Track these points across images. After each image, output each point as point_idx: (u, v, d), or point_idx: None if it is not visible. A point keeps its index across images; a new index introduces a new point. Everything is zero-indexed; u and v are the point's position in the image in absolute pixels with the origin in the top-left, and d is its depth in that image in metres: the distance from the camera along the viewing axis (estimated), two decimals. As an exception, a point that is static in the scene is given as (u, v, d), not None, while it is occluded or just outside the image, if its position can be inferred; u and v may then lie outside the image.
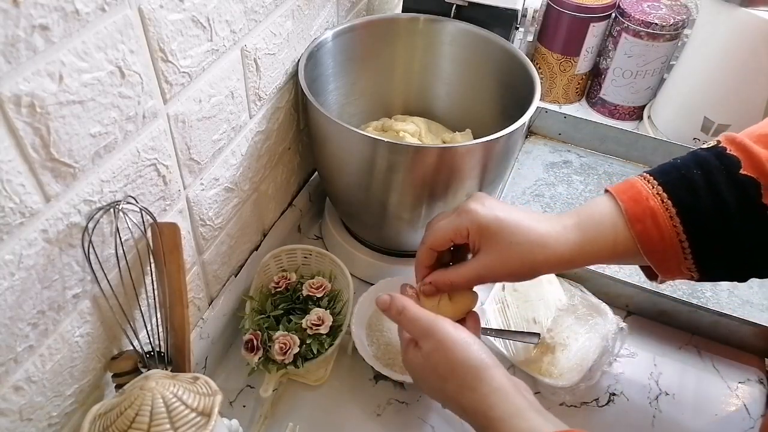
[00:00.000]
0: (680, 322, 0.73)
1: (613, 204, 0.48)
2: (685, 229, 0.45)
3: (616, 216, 0.48)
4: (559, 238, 0.48)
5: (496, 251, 0.48)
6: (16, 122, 0.35)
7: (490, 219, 0.48)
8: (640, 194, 0.47)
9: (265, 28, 0.58)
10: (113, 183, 0.44)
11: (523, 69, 0.70)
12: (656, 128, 1.02)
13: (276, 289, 0.67)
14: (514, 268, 0.48)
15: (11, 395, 0.41)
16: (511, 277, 0.50)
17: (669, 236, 0.46)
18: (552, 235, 0.48)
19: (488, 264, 0.49)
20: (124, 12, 0.40)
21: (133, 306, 0.51)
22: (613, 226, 0.47)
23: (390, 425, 0.63)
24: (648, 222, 0.46)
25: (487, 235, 0.48)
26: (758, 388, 0.68)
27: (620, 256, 0.48)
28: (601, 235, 0.48)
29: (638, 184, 0.48)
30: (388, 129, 0.81)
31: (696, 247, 0.46)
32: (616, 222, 0.47)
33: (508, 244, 0.47)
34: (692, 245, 0.46)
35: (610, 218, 0.48)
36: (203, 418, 0.42)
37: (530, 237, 0.47)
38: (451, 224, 0.50)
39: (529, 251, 0.47)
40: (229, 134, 0.58)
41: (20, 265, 0.38)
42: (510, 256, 0.48)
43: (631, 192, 0.48)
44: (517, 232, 0.47)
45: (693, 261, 0.46)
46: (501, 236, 0.47)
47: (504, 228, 0.48)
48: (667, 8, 0.97)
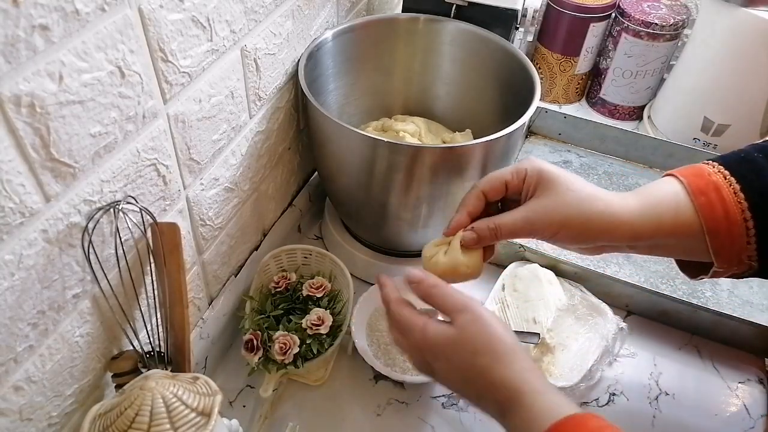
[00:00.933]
0: (680, 322, 0.73)
1: (674, 180, 0.47)
2: (750, 206, 0.43)
3: (678, 190, 0.46)
4: (619, 201, 0.46)
5: (552, 195, 0.46)
6: (16, 122, 0.35)
7: (550, 167, 0.47)
8: (702, 170, 0.46)
9: (265, 28, 0.58)
10: (113, 183, 0.44)
11: (523, 69, 0.70)
12: (656, 128, 1.02)
13: (276, 289, 0.67)
14: (568, 215, 0.46)
15: (11, 395, 0.41)
16: (563, 228, 0.47)
17: (733, 213, 0.44)
18: (612, 197, 0.46)
19: (542, 208, 0.46)
20: (124, 12, 0.40)
21: (133, 306, 0.51)
22: (675, 198, 0.45)
23: (390, 425, 0.63)
24: (712, 195, 0.44)
25: (545, 179, 0.46)
26: (758, 389, 0.68)
27: (681, 231, 0.45)
28: (662, 204, 0.46)
29: (699, 165, 0.47)
30: (388, 129, 0.81)
31: (761, 228, 0.43)
32: (678, 195, 0.45)
33: (565, 190, 0.46)
34: (757, 225, 0.43)
35: (672, 192, 0.46)
36: (203, 418, 0.42)
37: (589, 190, 0.46)
38: (509, 168, 0.49)
39: (587, 200, 0.46)
40: (229, 134, 0.58)
41: (20, 265, 0.38)
42: (566, 201, 0.46)
43: (692, 169, 0.47)
44: (575, 183, 0.46)
45: (756, 246, 0.44)
46: (559, 182, 0.46)
47: (563, 177, 0.46)
48: (667, 8, 0.97)
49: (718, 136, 0.94)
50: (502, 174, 0.49)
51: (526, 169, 0.48)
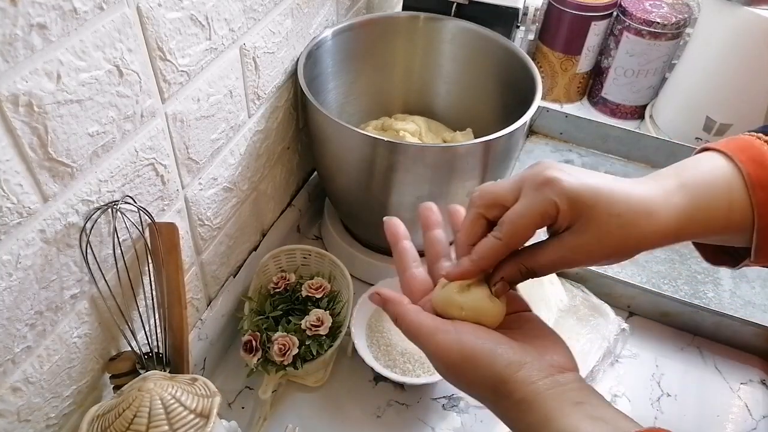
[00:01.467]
0: (682, 323, 0.73)
1: (728, 163, 0.39)
2: None
3: (732, 178, 0.38)
4: (664, 203, 0.38)
5: (593, 227, 0.37)
6: (14, 121, 0.34)
7: (583, 189, 0.37)
8: (764, 156, 0.38)
9: (264, 27, 0.58)
10: (111, 183, 0.44)
11: (524, 68, 0.69)
12: (658, 128, 1.02)
13: (275, 290, 0.66)
14: (614, 245, 0.38)
15: (9, 396, 0.41)
16: (608, 258, 0.40)
17: None
18: (655, 200, 0.38)
19: (582, 244, 0.38)
20: (122, 10, 0.39)
21: (131, 307, 0.51)
22: (728, 190, 0.38)
23: (390, 427, 0.63)
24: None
25: (581, 210, 0.37)
26: (760, 389, 0.68)
27: (734, 229, 0.39)
28: (714, 200, 0.38)
29: (756, 143, 0.39)
30: (388, 128, 0.80)
31: None
32: (732, 185, 0.38)
33: (607, 217, 0.37)
34: None
35: (724, 180, 0.38)
36: (201, 419, 0.42)
37: (632, 204, 0.37)
38: (535, 205, 0.37)
39: (634, 223, 0.37)
40: (227, 133, 0.58)
41: (18, 265, 0.38)
42: (610, 231, 0.37)
43: (751, 152, 0.39)
44: (616, 200, 0.37)
45: None
46: (598, 209, 0.37)
47: (601, 198, 0.37)
48: (669, 7, 0.97)
49: (720, 135, 0.93)
50: (530, 219, 0.38)
51: (556, 204, 0.37)
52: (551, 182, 0.37)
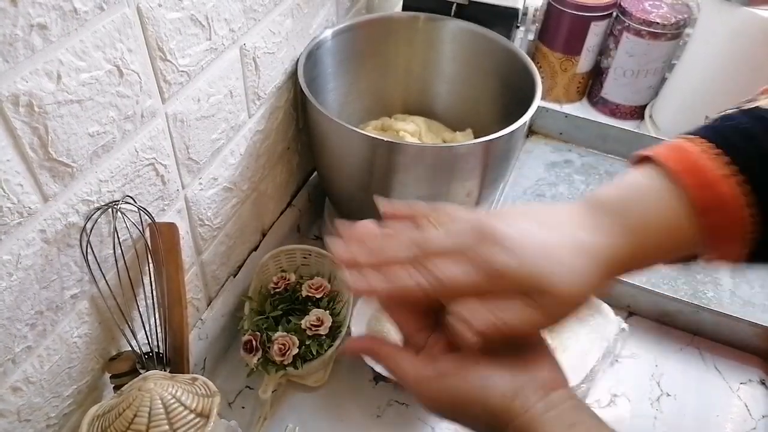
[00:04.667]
0: (682, 323, 0.73)
1: (667, 186, 0.36)
2: (761, 214, 0.35)
3: (677, 206, 0.35)
4: (605, 252, 0.35)
5: (547, 302, 0.35)
6: (14, 122, 0.35)
7: (526, 274, 0.34)
8: (705, 170, 0.35)
9: (264, 27, 0.58)
10: (111, 183, 0.44)
11: (524, 68, 0.69)
12: (658, 128, 1.02)
13: (275, 290, 0.66)
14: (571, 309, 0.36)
15: (9, 396, 0.41)
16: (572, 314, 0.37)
17: (742, 228, 0.35)
18: (597, 250, 0.35)
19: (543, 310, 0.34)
20: (122, 11, 0.39)
21: (132, 306, 0.51)
22: (676, 222, 0.35)
23: (390, 426, 0.63)
24: (718, 214, 0.35)
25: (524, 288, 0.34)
26: (760, 389, 0.68)
27: (677, 255, 0.38)
28: (657, 235, 0.36)
29: (697, 156, 0.36)
30: (388, 128, 0.80)
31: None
32: (680, 215, 0.35)
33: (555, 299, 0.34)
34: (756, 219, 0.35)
35: (669, 214, 0.36)
36: (202, 419, 0.42)
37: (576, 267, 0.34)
38: (470, 278, 0.34)
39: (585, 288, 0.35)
40: (227, 134, 0.58)
41: (18, 265, 0.38)
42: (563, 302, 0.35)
43: (688, 164, 0.36)
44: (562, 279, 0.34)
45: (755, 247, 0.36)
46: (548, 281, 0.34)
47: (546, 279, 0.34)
48: (669, 7, 0.97)
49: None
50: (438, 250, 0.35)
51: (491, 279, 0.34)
52: (497, 273, 0.34)
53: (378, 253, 0.37)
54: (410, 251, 0.36)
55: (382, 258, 0.36)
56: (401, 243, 0.36)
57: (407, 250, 0.36)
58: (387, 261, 0.36)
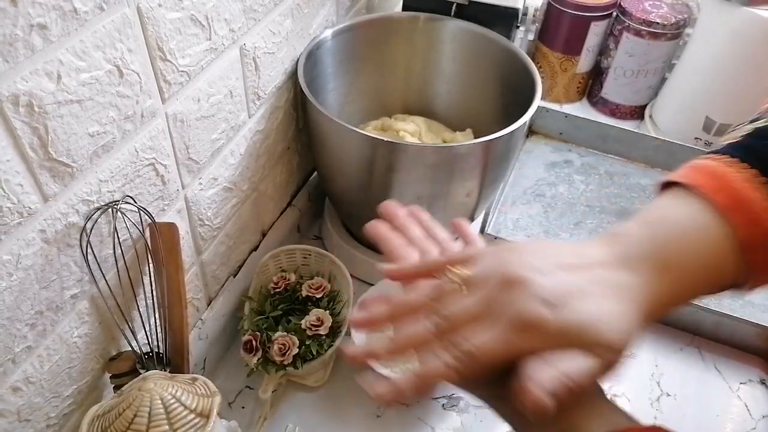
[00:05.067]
0: (682, 323, 0.73)
1: (710, 221, 0.33)
2: None
3: (721, 242, 0.33)
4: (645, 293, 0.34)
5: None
6: (14, 122, 0.35)
7: (569, 330, 0.32)
8: (751, 206, 0.33)
9: (264, 27, 0.58)
10: (111, 183, 0.44)
11: (524, 68, 0.69)
12: (658, 128, 1.02)
13: (275, 290, 0.66)
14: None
15: (9, 396, 0.41)
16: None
17: None
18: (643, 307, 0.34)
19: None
20: (122, 11, 0.39)
21: (132, 306, 0.51)
22: (719, 255, 0.33)
23: (390, 427, 0.63)
24: (765, 252, 0.33)
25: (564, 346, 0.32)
26: (760, 389, 0.68)
27: (718, 288, 0.35)
28: (698, 272, 0.34)
29: (740, 186, 0.33)
30: (387, 128, 0.80)
31: None
32: (723, 249, 0.33)
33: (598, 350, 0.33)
34: None
35: (711, 246, 0.33)
36: (202, 419, 0.42)
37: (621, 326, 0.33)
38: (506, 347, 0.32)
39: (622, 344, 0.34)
40: (227, 134, 0.58)
41: (18, 265, 0.38)
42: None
43: (742, 207, 0.33)
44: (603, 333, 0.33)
45: None
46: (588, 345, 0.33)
47: (589, 335, 0.32)
48: (669, 7, 0.97)
49: (719, 135, 0.93)
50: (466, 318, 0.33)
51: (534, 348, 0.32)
52: (533, 326, 0.31)
53: (401, 341, 0.34)
54: (436, 328, 0.33)
55: (404, 344, 0.34)
56: (426, 321, 0.34)
57: (433, 328, 0.33)
58: (411, 345, 0.34)
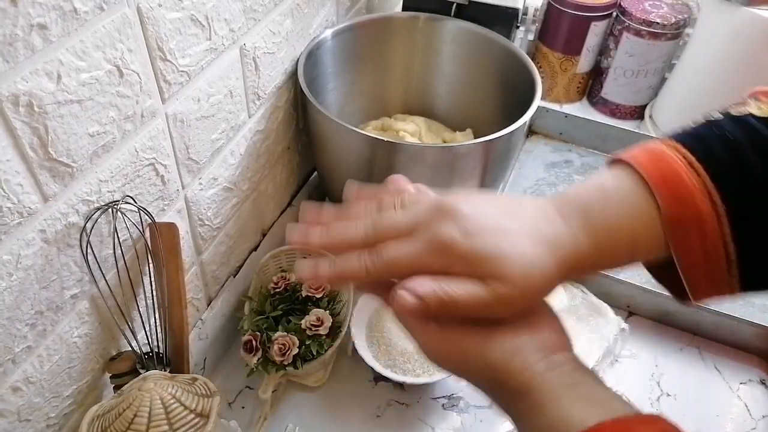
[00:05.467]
0: (682, 323, 0.73)
1: (637, 191, 0.35)
2: (736, 239, 0.34)
3: (647, 213, 0.34)
4: (570, 249, 0.35)
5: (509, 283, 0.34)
6: (14, 122, 0.35)
7: (481, 255, 0.33)
8: (680, 178, 0.34)
9: (264, 27, 0.58)
10: (111, 183, 0.44)
11: (524, 68, 0.69)
12: (658, 128, 1.02)
13: (275, 290, 0.66)
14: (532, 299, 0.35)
15: (9, 396, 0.41)
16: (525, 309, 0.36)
17: (715, 253, 0.34)
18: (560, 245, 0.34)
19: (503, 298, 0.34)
20: (122, 11, 0.39)
21: (132, 306, 0.51)
22: (640, 223, 0.35)
23: (390, 426, 0.63)
24: (692, 228, 0.34)
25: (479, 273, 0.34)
26: (760, 389, 0.68)
27: (636, 259, 0.37)
28: (618, 238, 0.35)
29: (677, 168, 0.35)
30: (387, 128, 0.80)
31: (746, 258, 0.34)
32: (644, 218, 0.34)
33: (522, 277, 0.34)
34: (741, 256, 0.34)
35: (634, 214, 0.35)
36: (201, 419, 0.42)
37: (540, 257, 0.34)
38: (423, 257, 0.34)
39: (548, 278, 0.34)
40: (227, 134, 0.58)
41: (18, 265, 0.38)
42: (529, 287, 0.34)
43: (671, 183, 0.34)
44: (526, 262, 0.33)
45: (738, 274, 0.35)
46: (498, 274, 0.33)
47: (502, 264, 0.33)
48: (669, 7, 0.97)
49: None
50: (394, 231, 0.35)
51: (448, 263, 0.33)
52: (444, 246, 0.33)
53: (333, 236, 0.36)
54: (365, 233, 0.35)
55: (335, 240, 0.36)
56: (357, 225, 0.36)
57: (362, 232, 0.36)
58: (340, 244, 0.36)
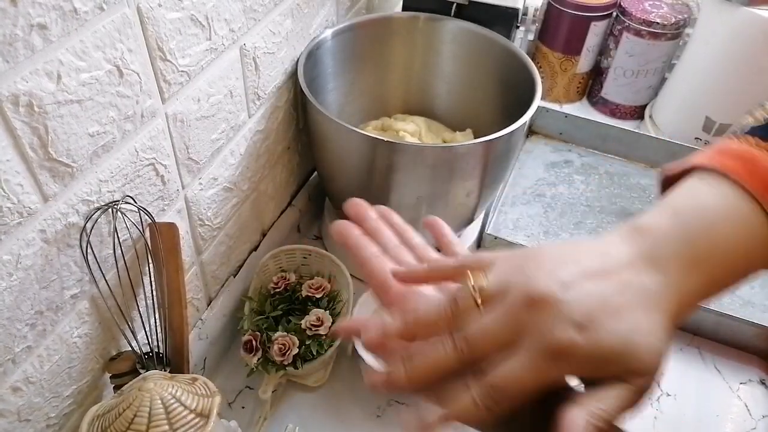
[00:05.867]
0: (682, 323, 0.73)
1: (744, 206, 0.31)
2: None
3: (757, 228, 0.30)
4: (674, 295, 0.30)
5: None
6: (14, 122, 0.35)
7: (606, 353, 0.28)
8: None
9: (264, 27, 0.58)
10: (111, 183, 0.44)
11: (524, 68, 0.69)
12: (658, 128, 1.02)
13: (275, 290, 0.66)
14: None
15: (9, 396, 0.41)
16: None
17: None
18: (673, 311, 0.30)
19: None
20: (122, 11, 0.39)
21: (132, 306, 0.51)
22: (753, 242, 0.31)
23: (390, 426, 0.63)
24: None
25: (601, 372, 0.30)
26: (760, 389, 0.68)
27: (750, 276, 0.33)
28: (730, 263, 0.31)
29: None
30: (387, 128, 0.80)
31: None
32: (756, 238, 0.31)
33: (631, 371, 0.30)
34: None
35: (745, 234, 0.31)
36: (202, 419, 0.42)
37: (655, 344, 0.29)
38: (536, 377, 0.28)
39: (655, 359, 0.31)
40: (227, 134, 0.58)
41: (18, 265, 0.38)
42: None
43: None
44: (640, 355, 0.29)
45: None
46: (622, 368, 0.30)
47: (624, 357, 0.29)
48: (669, 7, 0.97)
49: (719, 135, 0.93)
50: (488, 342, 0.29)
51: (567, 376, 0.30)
52: (565, 352, 0.28)
53: (419, 363, 0.30)
54: (457, 356, 0.29)
55: (423, 370, 0.30)
56: (445, 344, 0.29)
57: (453, 354, 0.29)
58: (430, 373, 0.30)
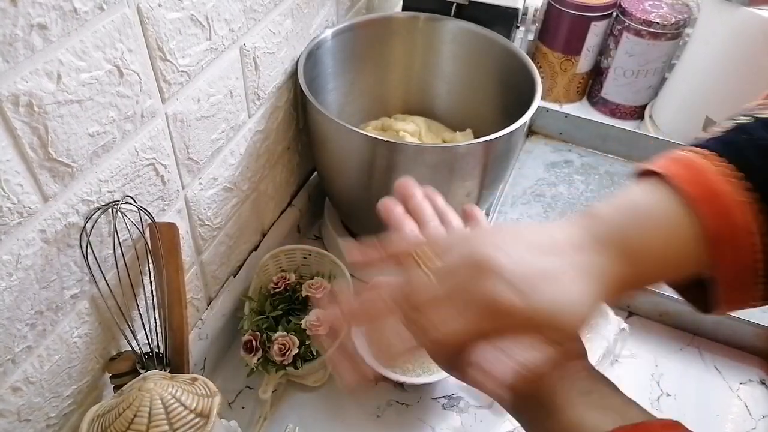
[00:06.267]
0: (682, 323, 0.73)
1: (677, 210, 0.33)
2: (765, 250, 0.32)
3: (685, 232, 0.32)
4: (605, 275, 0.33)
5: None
6: (14, 122, 0.35)
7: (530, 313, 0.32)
8: (721, 198, 0.32)
9: (264, 27, 0.58)
10: (111, 183, 0.44)
11: (524, 68, 0.69)
12: (658, 128, 1.02)
13: (275, 290, 0.66)
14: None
15: (9, 396, 0.41)
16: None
17: (749, 267, 0.33)
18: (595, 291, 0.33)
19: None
20: (122, 11, 0.39)
21: (132, 306, 0.51)
22: (682, 245, 0.33)
23: (390, 426, 0.63)
24: (733, 243, 0.32)
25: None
26: (760, 389, 0.68)
27: (680, 276, 0.35)
28: (660, 260, 0.34)
29: (714, 179, 0.33)
30: (387, 128, 0.80)
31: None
32: (686, 240, 0.32)
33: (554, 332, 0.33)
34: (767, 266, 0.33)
35: (675, 236, 0.33)
36: (202, 419, 0.42)
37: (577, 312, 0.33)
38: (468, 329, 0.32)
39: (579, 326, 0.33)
40: (227, 134, 0.58)
41: (18, 265, 0.38)
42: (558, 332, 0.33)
43: (711, 199, 0.32)
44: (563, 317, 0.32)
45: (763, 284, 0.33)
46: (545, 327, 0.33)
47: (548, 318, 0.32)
48: (669, 7, 0.97)
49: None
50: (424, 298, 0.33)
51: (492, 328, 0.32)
52: (504, 312, 0.31)
53: (363, 315, 0.35)
54: (399, 307, 0.33)
55: (368, 321, 0.35)
56: (386, 299, 0.34)
57: (393, 307, 0.33)
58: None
